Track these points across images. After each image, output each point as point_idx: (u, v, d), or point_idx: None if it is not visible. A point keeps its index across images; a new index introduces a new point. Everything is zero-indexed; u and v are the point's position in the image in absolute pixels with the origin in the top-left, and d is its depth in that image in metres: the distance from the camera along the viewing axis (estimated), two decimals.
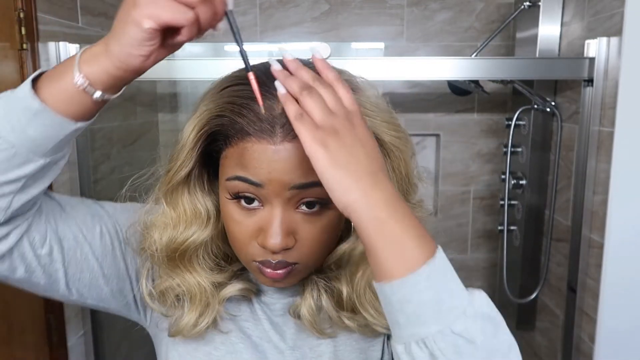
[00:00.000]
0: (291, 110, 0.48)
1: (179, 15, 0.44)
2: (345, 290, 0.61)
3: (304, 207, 0.55)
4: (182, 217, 0.59)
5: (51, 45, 1.26)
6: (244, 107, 0.52)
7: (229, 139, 0.54)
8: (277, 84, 0.50)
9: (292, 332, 0.66)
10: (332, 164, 0.46)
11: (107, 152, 1.55)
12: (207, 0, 0.46)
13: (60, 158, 0.53)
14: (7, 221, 0.52)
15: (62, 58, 1.28)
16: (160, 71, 1.32)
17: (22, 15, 1.15)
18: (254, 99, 0.51)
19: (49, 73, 0.50)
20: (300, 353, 0.65)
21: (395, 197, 0.48)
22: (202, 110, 0.55)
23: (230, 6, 0.48)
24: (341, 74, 0.57)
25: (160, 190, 0.59)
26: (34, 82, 0.49)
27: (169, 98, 1.98)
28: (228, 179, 0.54)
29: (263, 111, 0.51)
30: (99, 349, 1.43)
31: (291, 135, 0.51)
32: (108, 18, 1.57)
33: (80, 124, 0.50)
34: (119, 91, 0.51)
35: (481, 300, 0.46)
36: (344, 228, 0.62)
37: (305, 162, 0.50)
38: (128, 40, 0.46)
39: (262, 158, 0.52)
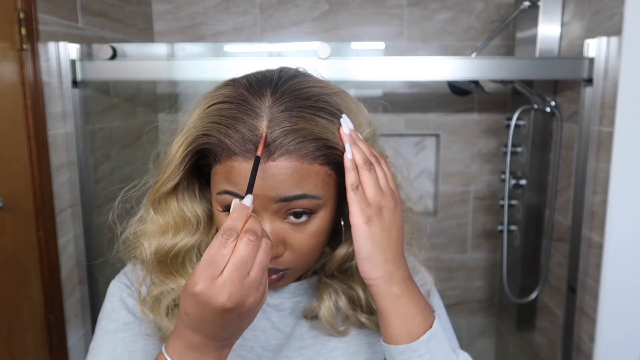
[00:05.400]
0: (350, 178, 0.56)
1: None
2: (362, 294, 0.66)
3: (291, 217, 0.57)
4: (170, 224, 0.62)
5: (51, 45, 1.26)
6: (229, 127, 0.54)
7: (217, 156, 0.56)
8: (347, 147, 0.56)
9: (304, 330, 0.69)
10: (371, 241, 0.55)
11: (107, 152, 1.55)
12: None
13: None
14: None
15: (62, 58, 1.28)
16: (160, 71, 1.32)
17: (22, 15, 1.15)
18: (239, 119, 0.54)
19: None
20: (314, 351, 0.68)
21: (409, 276, 0.58)
22: (189, 127, 0.57)
23: (259, 154, 0.52)
24: (343, 95, 0.60)
25: (148, 200, 0.62)
26: None
27: (169, 98, 1.98)
28: (218, 193, 0.57)
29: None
30: None
31: (277, 154, 0.53)
32: (108, 18, 1.57)
33: None
34: None
35: (465, 358, 0.60)
36: (334, 231, 0.64)
37: (290, 178, 0.54)
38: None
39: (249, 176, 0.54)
